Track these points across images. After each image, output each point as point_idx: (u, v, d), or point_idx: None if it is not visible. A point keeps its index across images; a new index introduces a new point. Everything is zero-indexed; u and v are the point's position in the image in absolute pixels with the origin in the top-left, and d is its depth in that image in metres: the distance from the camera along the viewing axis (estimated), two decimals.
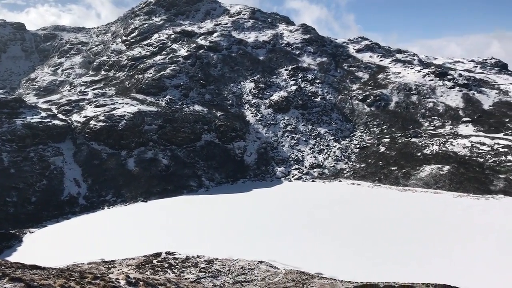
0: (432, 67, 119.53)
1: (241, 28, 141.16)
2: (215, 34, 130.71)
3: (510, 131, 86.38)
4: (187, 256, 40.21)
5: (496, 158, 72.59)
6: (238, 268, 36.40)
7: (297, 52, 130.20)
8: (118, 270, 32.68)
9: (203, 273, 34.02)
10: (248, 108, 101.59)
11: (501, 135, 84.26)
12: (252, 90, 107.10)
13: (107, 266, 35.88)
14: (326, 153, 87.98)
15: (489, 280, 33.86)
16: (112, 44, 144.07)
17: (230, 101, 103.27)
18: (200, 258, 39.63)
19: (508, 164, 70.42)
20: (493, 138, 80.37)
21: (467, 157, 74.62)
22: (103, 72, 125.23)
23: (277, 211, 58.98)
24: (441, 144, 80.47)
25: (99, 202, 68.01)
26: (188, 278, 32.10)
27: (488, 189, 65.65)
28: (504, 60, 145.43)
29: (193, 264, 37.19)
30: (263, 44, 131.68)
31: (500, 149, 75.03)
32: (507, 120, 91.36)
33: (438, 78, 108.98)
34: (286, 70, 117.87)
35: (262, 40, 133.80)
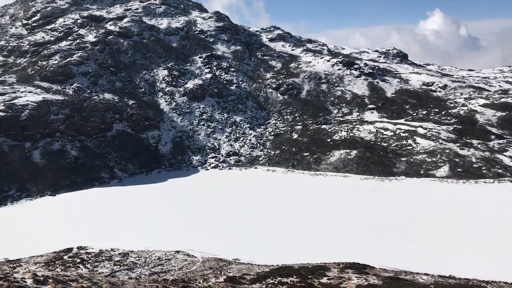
0: (340, 57, 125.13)
1: (152, 13, 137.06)
2: (125, 20, 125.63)
3: (410, 117, 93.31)
4: (100, 250, 38.74)
5: (398, 143, 78.10)
6: (155, 259, 35.79)
7: (211, 40, 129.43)
8: (25, 269, 30.65)
9: (118, 267, 33.01)
10: (162, 96, 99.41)
11: (402, 120, 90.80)
12: (166, 77, 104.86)
13: (11, 266, 33.47)
14: (242, 141, 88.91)
15: (393, 253, 36.49)
16: (11, 28, 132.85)
17: (143, 89, 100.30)
18: (115, 251, 38.38)
19: (408, 148, 76.10)
20: (395, 124, 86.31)
21: (372, 142, 79.44)
22: (1, 58, 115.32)
23: (194, 200, 58.72)
24: (349, 130, 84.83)
25: (1, 198, 63.02)
26: (102, 273, 30.97)
27: (391, 171, 70.54)
28: (404, 51, 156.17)
29: (107, 258, 35.93)
30: (176, 31, 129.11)
31: (402, 134, 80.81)
32: (407, 107, 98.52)
33: (345, 68, 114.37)
34: (200, 57, 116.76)
35: (175, 26, 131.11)
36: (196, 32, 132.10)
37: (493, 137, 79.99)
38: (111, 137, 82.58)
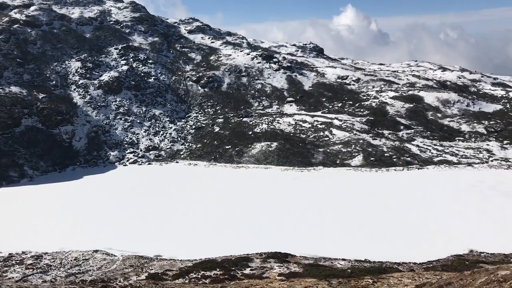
0: (260, 50, 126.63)
1: (63, 2, 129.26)
2: (32, 8, 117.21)
3: (327, 109, 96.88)
4: (10, 254, 36.02)
5: (316, 134, 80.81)
6: (71, 260, 33.99)
7: (127, 31, 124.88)
8: None
9: (31, 270, 30.93)
10: (75, 89, 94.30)
11: (319, 113, 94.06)
12: (79, 70, 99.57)
13: None
14: (162, 134, 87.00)
15: (313, 241, 37.72)
16: None
17: (54, 82, 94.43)
18: (26, 254, 35.90)
19: (325, 139, 79.01)
20: (313, 116, 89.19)
21: (292, 134, 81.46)
22: None
23: (111, 197, 56.59)
24: (270, 123, 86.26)
25: None
26: (13, 278, 28.86)
27: (310, 162, 72.86)
28: (319, 45, 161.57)
29: (18, 261, 33.51)
30: (89, 21, 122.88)
31: (319, 126, 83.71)
32: (324, 99, 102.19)
33: (265, 61, 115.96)
34: (116, 49, 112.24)
35: (88, 16, 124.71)
36: (111, 22, 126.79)
37: (402, 127, 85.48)
38: (20, 133, 76.94)
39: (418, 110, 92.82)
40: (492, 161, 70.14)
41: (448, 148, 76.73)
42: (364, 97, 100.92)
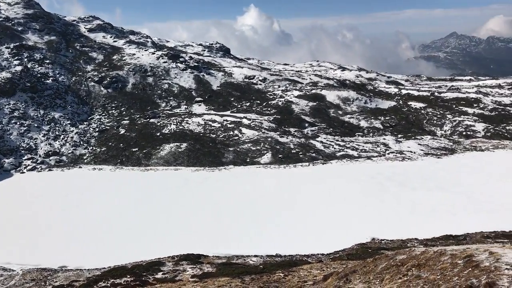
0: (165, 50, 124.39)
1: None
2: None
3: (235, 108, 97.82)
4: None
5: (226, 133, 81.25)
6: None
7: (19, 29, 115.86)
8: None
9: None
10: None
11: (228, 112, 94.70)
12: None
13: None
14: (63, 139, 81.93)
15: (225, 240, 37.89)
16: None
17: None
18: None
19: (235, 138, 79.73)
20: (222, 116, 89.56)
21: (201, 134, 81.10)
22: None
23: (7, 208, 52.18)
24: (178, 123, 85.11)
25: None
26: None
27: (220, 161, 73.07)
28: (225, 45, 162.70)
29: None
30: None
31: (228, 125, 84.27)
32: (232, 99, 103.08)
33: (171, 61, 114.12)
34: (7, 48, 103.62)
35: None
36: (1, 19, 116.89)
37: (307, 125, 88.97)
38: None
39: (321, 108, 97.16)
40: (388, 154, 75.46)
41: (349, 143, 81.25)
42: (271, 96, 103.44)
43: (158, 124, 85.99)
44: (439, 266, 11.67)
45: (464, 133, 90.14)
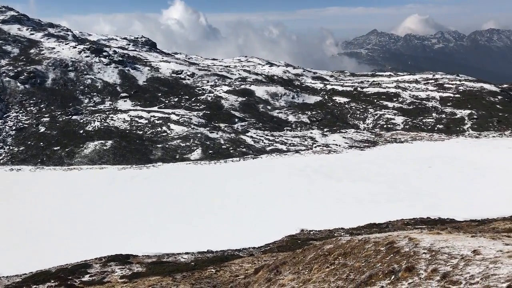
0: (88, 44, 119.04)
1: None
2: None
3: (163, 104, 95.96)
4: None
5: (153, 130, 79.47)
6: None
7: None
8: None
9: None
10: None
11: (155, 108, 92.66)
12: None
13: None
14: None
15: (155, 238, 37.07)
16: None
17: None
18: None
19: (163, 134, 78.23)
20: (149, 112, 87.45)
21: (128, 131, 78.70)
22: None
23: None
24: (103, 120, 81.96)
25: None
26: None
27: (149, 158, 71.39)
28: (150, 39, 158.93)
29: None
30: None
31: (156, 121, 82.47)
32: (160, 94, 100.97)
33: (94, 55, 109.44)
34: None
35: None
36: None
37: (236, 120, 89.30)
38: None
39: (250, 103, 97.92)
40: (315, 147, 77.71)
41: (278, 138, 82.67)
42: (200, 92, 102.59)
43: (81, 121, 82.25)
44: (363, 253, 12.13)
45: (385, 126, 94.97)
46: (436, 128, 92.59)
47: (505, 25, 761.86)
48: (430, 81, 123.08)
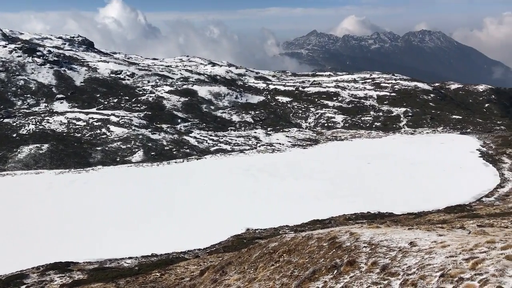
0: (19, 43, 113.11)
1: None
2: None
3: (102, 105, 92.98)
4: None
5: (92, 132, 76.81)
6: None
7: None
8: None
9: None
10: None
11: (94, 109, 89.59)
12: None
13: None
14: None
15: (97, 244, 35.84)
16: None
17: None
18: None
19: (103, 136, 75.80)
20: (87, 113, 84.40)
21: (65, 134, 75.58)
22: None
23: None
24: (38, 123, 78.20)
25: None
26: None
27: (88, 162, 68.88)
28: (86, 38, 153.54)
29: None
30: None
31: (95, 123, 79.76)
32: (98, 95, 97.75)
33: (27, 55, 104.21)
34: None
35: None
36: None
37: (179, 120, 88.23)
38: None
39: (193, 103, 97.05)
40: (259, 146, 78.29)
41: (222, 138, 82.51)
42: (141, 92, 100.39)
43: (14, 124, 78.01)
44: (307, 250, 12.35)
45: (326, 124, 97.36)
46: (374, 126, 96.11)
47: (436, 26, 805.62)
48: (368, 81, 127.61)
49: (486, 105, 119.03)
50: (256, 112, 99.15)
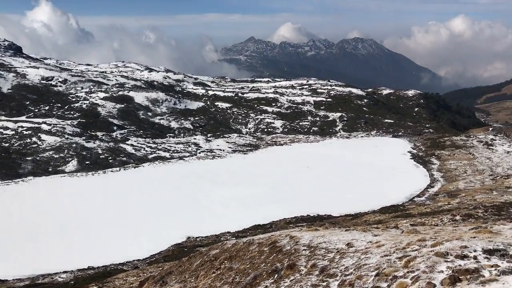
0: None
1: None
2: None
3: (32, 113, 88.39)
4: None
5: (22, 141, 72.78)
6: None
7: None
8: None
9: None
10: None
11: (23, 118, 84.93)
12: None
13: None
14: None
15: (29, 259, 33.89)
16: None
17: None
18: None
19: (34, 146, 72.04)
20: (16, 122, 79.90)
21: None
22: None
23: None
24: None
25: None
26: None
27: (17, 173, 65.05)
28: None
29: None
30: None
31: (25, 132, 75.66)
32: (28, 103, 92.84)
33: None
34: None
35: None
36: None
37: (115, 128, 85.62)
38: None
39: (129, 110, 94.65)
40: (200, 153, 77.65)
41: (160, 145, 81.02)
42: (74, 99, 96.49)
43: None
44: (248, 255, 12.34)
45: (265, 130, 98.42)
46: (311, 131, 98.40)
47: (368, 34, 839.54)
48: (305, 87, 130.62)
49: (416, 109, 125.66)
50: (196, 118, 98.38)
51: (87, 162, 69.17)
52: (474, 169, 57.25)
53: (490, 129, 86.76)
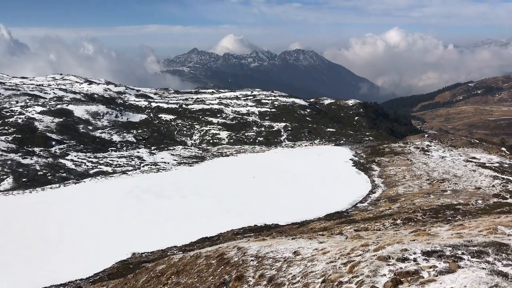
0: None
1: None
2: None
3: None
4: None
5: None
6: None
7: None
8: None
9: None
10: None
11: None
12: None
13: None
14: None
15: None
16: None
17: None
18: None
19: None
20: None
21: None
22: None
23: None
24: None
25: None
26: None
27: None
28: None
29: None
30: None
31: None
32: None
33: None
34: None
35: None
36: None
37: (54, 143, 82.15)
38: None
39: (69, 124, 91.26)
40: (143, 166, 75.98)
41: (102, 159, 78.55)
42: (8, 114, 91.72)
43: None
44: (196, 269, 12.17)
45: (211, 141, 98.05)
46: (257, 141, 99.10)
47: (308, 46, 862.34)
48: (249, 97, 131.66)
49: (356, 118, 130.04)
50: (139, 131, 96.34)
51: (24, 179, 65.77)
52: (412, 174, 59.82)
53: (426, 135, 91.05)
